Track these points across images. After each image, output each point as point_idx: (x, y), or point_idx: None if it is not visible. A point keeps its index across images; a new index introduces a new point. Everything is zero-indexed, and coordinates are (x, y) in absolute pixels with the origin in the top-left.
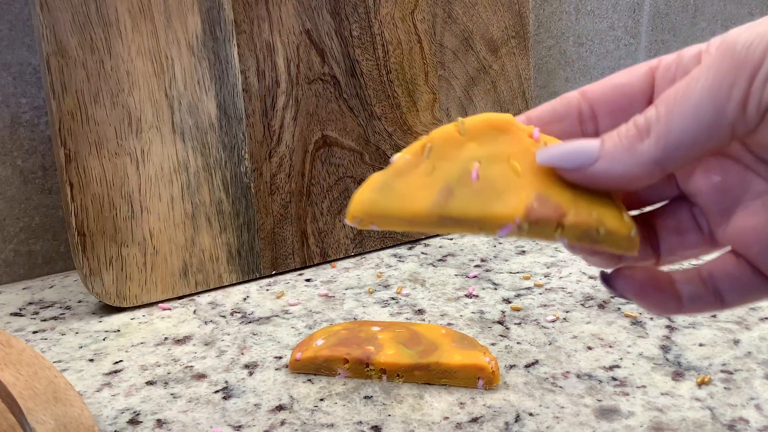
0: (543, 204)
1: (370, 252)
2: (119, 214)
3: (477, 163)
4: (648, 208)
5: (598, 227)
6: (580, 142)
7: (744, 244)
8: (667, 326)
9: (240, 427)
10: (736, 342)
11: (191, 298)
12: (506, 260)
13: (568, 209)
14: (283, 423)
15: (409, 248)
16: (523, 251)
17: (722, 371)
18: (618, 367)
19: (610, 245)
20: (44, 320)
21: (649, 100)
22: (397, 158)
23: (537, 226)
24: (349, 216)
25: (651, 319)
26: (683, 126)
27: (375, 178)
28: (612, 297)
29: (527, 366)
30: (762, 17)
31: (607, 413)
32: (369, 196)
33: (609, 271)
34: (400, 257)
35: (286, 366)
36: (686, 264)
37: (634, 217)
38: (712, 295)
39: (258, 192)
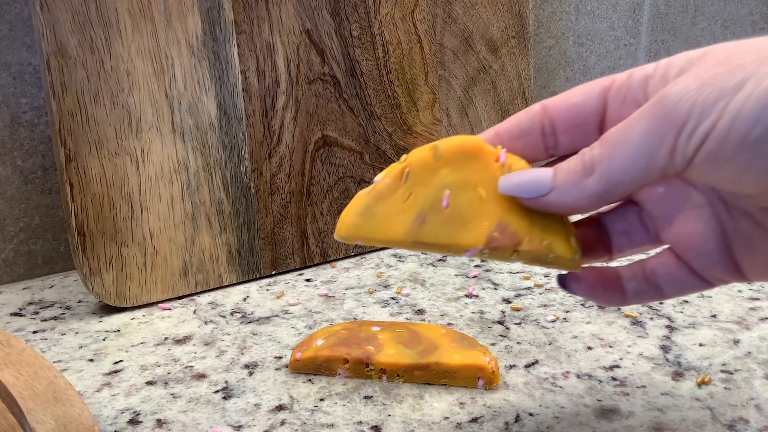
0: (502, 233)
1: (370, 252)
2: (119, 214)
3: (448, 190)
4: (604, 207)
5: (548, 253)
6: (534, 174)
7: (682, 247)
8: (667, 326)
9: (240, 427)
10: (736, 342)
11: (191, 298)
12: None
13: (523, 237)
14: (283, 423)
15: None
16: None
17: (722, 371)
18: (618, 367)
19: (558, 266)
20: (44, 320)
21: (602, 119)
22: (379, 180)
23: (496, 252)
24: (336, 235)
25: (651, 319)
26: (622, 168)
27: (359, 201)
28: None
29: (527, 366)
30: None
31: (607, 413)
32: (353, 220)
33: (564, 272)
34: (400, 257)
35: (286, 366)
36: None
37: (588, 223)
38: (653, 289)
39: (258, 192)
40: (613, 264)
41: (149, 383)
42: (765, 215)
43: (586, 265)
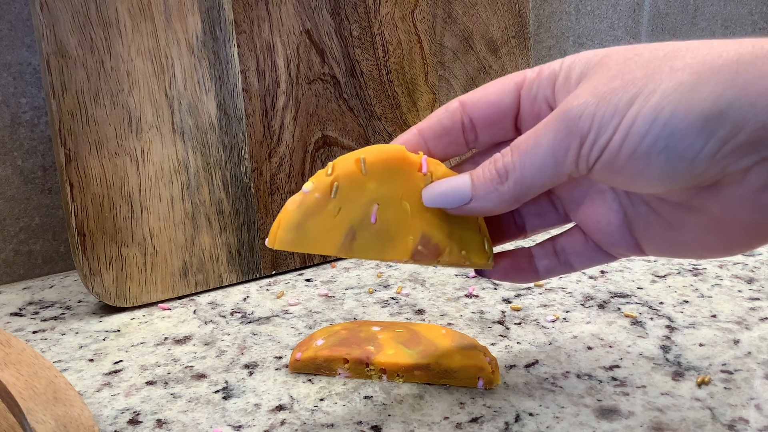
0: (426, 246)
1: None
2: (119, 214)
3: (376, 205)
4: None
5: (464, 261)
6: (455, 186)
7: (589, 227)
8: (667, 326)
9: (240, 427)
10: (736, 342)
11: (191, 298)
12: None
13: (443, 249)
14: (283, 423)
15: None
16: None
17: (722, 371)
18: (618, 367)
19: (473, 267)
20: (44, 320)
21: (516, 114)
22: (308, 191)
23: (420, 262)
24: (268, 245)
25: (651, 319)
26: (533, 175)
27: (290, 215)
28: (612, 297)
29: (527, 366)
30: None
31: (607, 413)
32: (286, 236)
33: None
34: None
35: (286, 366)
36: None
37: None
38: (563, 264)
39: (258, 192)
40: (525, 244)
41: (149, 383)
42: (659, 203)
43: (501, 250)
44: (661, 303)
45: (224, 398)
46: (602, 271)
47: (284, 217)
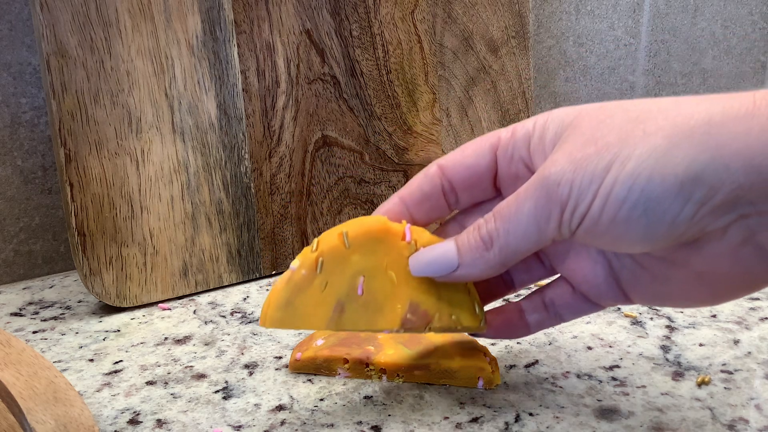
0: (414, 314)
1: None
2: (119, 214)
3: (362, 276)
4: None
5: (456, 325)
6: (441, 254)
7: (575, 280)
8: (667, 326)
9: (240, 427)
10: (736, 342)
11: (191, 298)
12: None
13: (433, 315)
14: (283, 423)
15: None
16: None
17: (722, 371)
18: (618, 367)
19: (465, 331)
20: (44, 320)
21: (495, 175)
22: (295, 268)
23: (411, 329)
24: (261, 325)
25: (651, 318)
26: (516, 241)
27: (279, 293)
28: None
29: (527, 366)
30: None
31: (607, 413)
32: (276, 315)
33: None
34: None
35: (286, 366)
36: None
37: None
38: (553, 317)
39: (258, 192)
40: (514, 298)
41: (149, 383)
42: (643, 257)
43: (491, 308)
44: None
45: (224, 398)
46: None
47: (273, 296)
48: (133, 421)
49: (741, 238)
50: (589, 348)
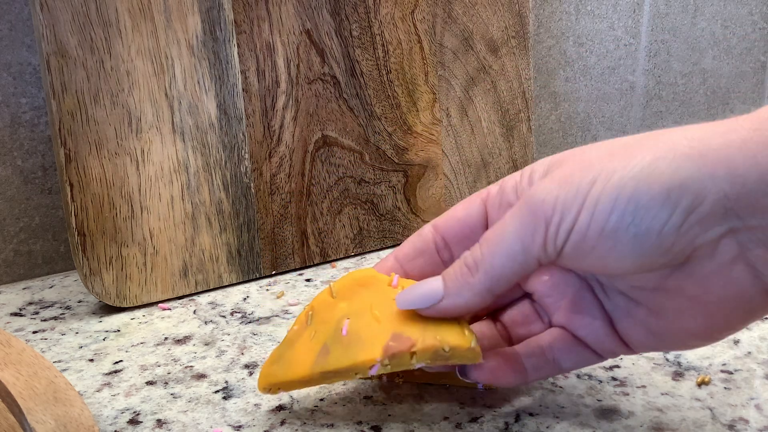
0: (397, 340)
1: (370, 252)
2: (119, 214)
3: (347, 319)
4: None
5: (443, 347)
6: (428, 286)
7: (574, 327)
8: None
9: (240, 427)
10: (736, 342)
11: (191, 298)
12: None
13: (416, 339)
14: (283, 423)
15: None
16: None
17: (722, 371)
18: (618, 367)
19: (458, 359)
20: (44, 320)
21: (486, 228)
22: (289, 329)
23: (396, 360)
24: (259, 389)
25: None
26: (501, 263)
27: (273, 352)
28: None
29: None
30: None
31: (607, 413)
32: (268, 370)
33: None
34: None
35: None
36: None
37: (488, 323)
38: (551, 364)
39: (258, 192)
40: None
41: (149, 383)
42: (636, 292)
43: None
44: None
45: (224, 398)
46: None
47: (271, 357)
48: (133, 421)
49: (731, 255)
50: None
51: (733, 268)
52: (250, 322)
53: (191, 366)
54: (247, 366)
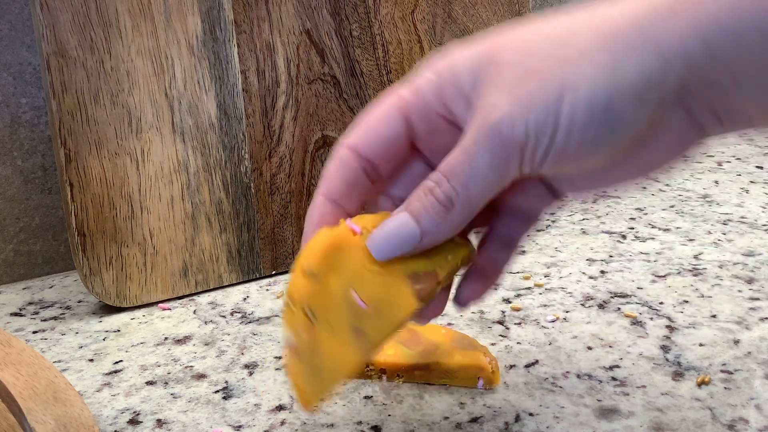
0: (418, 281)
1: None
2: (119, 214)
3: (352, 291)
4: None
5: (455, 263)
6: (398, 227)
7: (516, 204)
8: (667, 326)
9: (240, 427)
10: (736, 342)
11: (191, 298)
12: None
13: (434, 270)
14: (283, 423)
15: None
16: (523, 251)
17: (722, 371)
18: (618, 367)
19: (465, 264)
20: (44, 320)
21: (410, 139)
22: (293, 341)
23: (429, 297)
24: (305, 410)
25: (651, 318)
26: (479, 194)
27: (297, 372)
28: (612, 297)
29: (527, 366)
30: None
31: (607, 413)
32: (310, 390)
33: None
34: None
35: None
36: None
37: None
38: (503, 239)
39: (258, 192)
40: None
41: (149, 383)
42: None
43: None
44: (661, 303)
45: (224, 398)
46: (602, 271)
47: (296, 379)
48: (133, 421)
49: (681, 120)
50: (589, 348)
51: (679, 126)
52: (250, 322)
53: (191, 366)
54: (247, 366)
